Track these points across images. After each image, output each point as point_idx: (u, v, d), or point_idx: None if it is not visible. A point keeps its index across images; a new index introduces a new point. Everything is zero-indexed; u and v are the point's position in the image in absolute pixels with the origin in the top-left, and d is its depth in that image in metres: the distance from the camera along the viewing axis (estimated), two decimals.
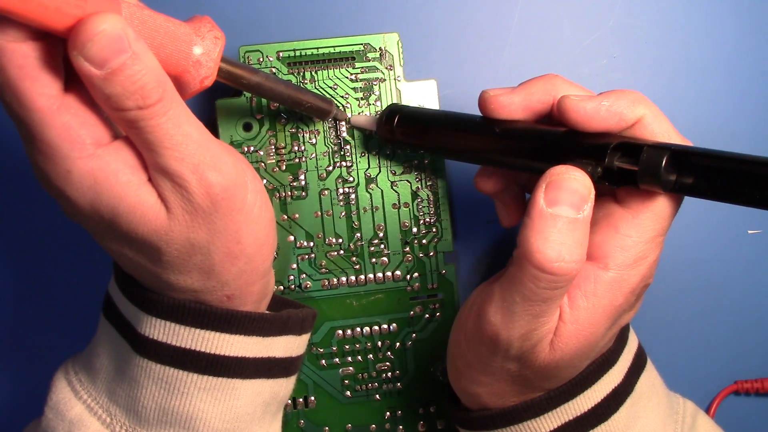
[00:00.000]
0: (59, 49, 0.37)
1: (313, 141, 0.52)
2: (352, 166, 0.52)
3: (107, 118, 0.39)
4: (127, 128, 0.38)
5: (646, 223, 0.41)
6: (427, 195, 0.53)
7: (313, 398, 0.53)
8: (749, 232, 0.57)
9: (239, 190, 0.40)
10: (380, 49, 0.52)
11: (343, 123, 0.52)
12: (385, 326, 0.53)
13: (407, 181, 0.53)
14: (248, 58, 0.52)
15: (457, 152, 0.48)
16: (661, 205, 0.41)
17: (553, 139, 0.42)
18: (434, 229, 0.53)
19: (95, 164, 0.38)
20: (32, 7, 0.33)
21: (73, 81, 0.37)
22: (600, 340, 0.42)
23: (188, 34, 0.40)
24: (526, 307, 0.39)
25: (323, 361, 0.53)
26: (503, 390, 0.44)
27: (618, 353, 0.46)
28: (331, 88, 0.52)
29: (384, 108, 0.51)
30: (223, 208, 0.40)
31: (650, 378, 0.48)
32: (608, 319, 0.41)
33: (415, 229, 0.53)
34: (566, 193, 0.39)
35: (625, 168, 0.40)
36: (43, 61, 0.36)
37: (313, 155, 0.52)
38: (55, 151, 0.37)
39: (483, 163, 0.48)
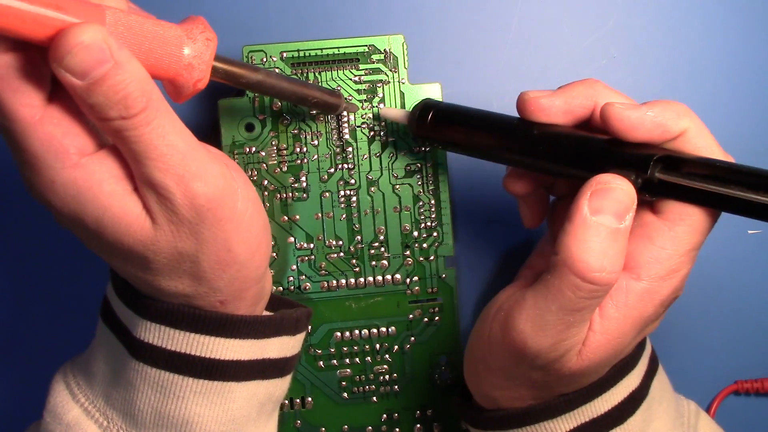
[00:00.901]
0: (44, 59, 0.36)
1: (315, 142, 0.52)
2: (353, 168, 0.52)
3: (93, 127, 0.38)
4: (113, 137, 0.37)
5: (682, 236, 0.41)
6: (429, 199, 0.53)
7: (310, 399, 0.53)
8: (749, 232, 0.57)
9: (227, 200, 0.40)
10: (385, 50, 0.52)
11: (346, 125, 0.52)
12: (384, 329, 0.53)
13: (409, 184, 0.52)
14: (252, 57, 0.51)
15: (493, 153, 0.47)
16: (698, 218, 0.41)
17: (594, 146, 0.42)
18: (435, 234, 0.53)
19: (79, 174, 0.37)
20: (9, 19, 0.33)
21: (59, 90, 0.37)
22: (625, 349, 0.42)
23: (178, 37, 0.39)
24: (561, 316, 0.39)
25: (321, 363, 0.53)
26: (521, 394, 0.44)
27: (637, 358, 0.46)
28: (334, 89, 0.52)
29: (417, 102, 0.50)
30: (209, 218, 0.39)
31: (662, 381, 0.48)
32: (636, 329, 0.41)
33: (415, 233, 0.53)
34: (611, 202, 0.39)
35: (668, 181, 0.39)
36: (25, 71, 0.35)
37: (315, 157, 0.52)
38: (39, 161, 0.37)
39: (518, 166, 0.47)
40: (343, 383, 0.53)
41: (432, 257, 0.53)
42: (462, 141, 0.48)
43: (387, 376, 0.53)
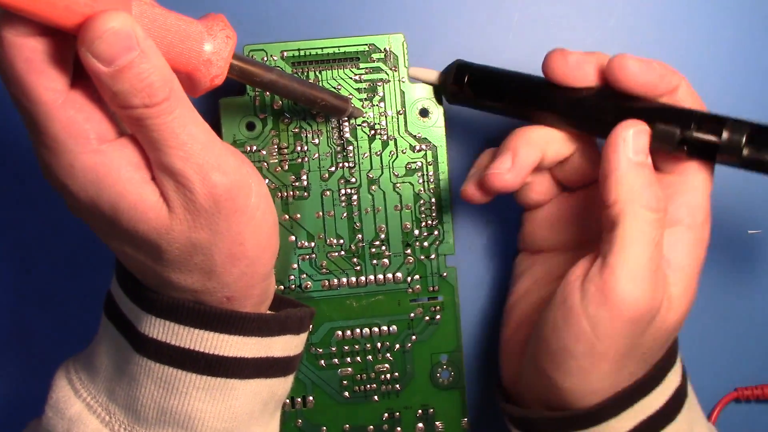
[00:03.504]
0: (69, 45, 0.37)
1: (316, 141, 0.52)
2: (354, 167, 0.52)
3: (113, 115, 0.39)
4: (133, 126, 0.38)
5: (704, 185, 0.44)
6: (429, 197, 0.53)
7: (311, 398, 0.53)
8: (749, 232, 0.56)
9: (242, 192, 0.40)
10: (385, 49, 0.52)
11: (347, 123, 0.52)
12: (385, 328, 0.53)
13: (409, 183, 0.53)
14: (252, 57, 0.51)
15: (532, 115, 0.48)
16: (706, 171, 0.44)
17: (639, 104, 0.45)
18: (436, 232, 0.53)
19: (98, 159, 0.38)
20: (42, 5, 0.34)
21: (81, 77, 0.38)
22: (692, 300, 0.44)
23: (199, 32, 0.40)
24: (648, 257, 0.41)
25: (322, 362, 0.53)
26: (623, 377, 0.43)
27: (675, 355, 0.46)
28: (334, 88, 0.52)
29: (449, 64, 0.51)
30: (225, 210, 0.40)
31: (691, 388, 0.48)
32: (697, 277, 0.44)
33: (416, 232, 0.53)
34: (641, 142, 0.43)
35: (705, 140, 0.43)
36: (50, 56, 0.36)
37: (316, 155, 0.52)
38: (59, 145, 0.37)
39: (555, 125, 0.48)
40: (345, 382, 0.53)
41: (433, 256, 0.53)
42: (500, 106, 0.49)
43: (388, 375, 0.53)
